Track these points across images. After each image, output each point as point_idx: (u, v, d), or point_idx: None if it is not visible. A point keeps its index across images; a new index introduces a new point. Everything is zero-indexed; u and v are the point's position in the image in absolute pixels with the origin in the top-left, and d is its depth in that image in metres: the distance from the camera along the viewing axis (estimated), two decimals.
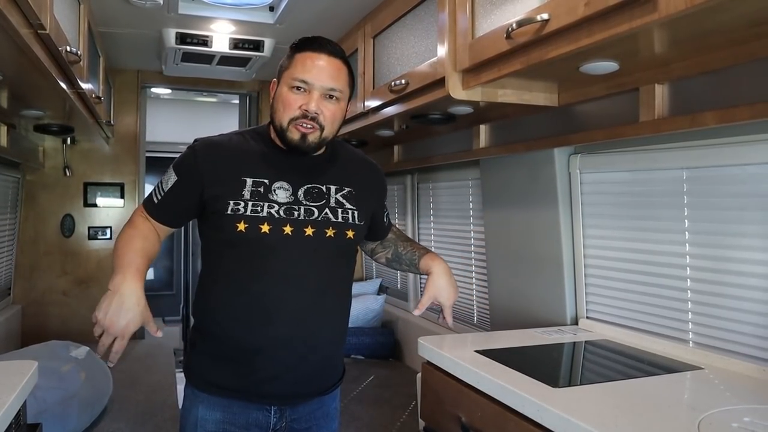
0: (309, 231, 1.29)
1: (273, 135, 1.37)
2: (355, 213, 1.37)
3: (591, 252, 1.89)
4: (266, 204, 1.28)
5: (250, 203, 1.27)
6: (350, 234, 1.35)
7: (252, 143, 1.36)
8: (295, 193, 1.31)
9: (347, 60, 1.35)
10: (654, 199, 1.66)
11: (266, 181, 1.30)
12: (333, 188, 1.36)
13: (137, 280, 1.21)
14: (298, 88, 1.27)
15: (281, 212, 1.28)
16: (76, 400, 2.34)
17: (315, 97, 1.27)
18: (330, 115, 1.30)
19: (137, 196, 4.09)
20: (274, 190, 1.30)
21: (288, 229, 1.28)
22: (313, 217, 1.31)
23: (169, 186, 1.32)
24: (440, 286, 1.47)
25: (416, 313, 1.47)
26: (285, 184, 1.31)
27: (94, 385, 2.53)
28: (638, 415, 1.09)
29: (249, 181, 1.29)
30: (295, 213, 1.29)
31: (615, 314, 1.80)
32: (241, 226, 1.25)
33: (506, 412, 1.22)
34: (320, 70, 1.28)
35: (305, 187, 1.33)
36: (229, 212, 1.26)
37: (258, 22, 2.69)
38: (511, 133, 2.06)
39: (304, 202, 1.31)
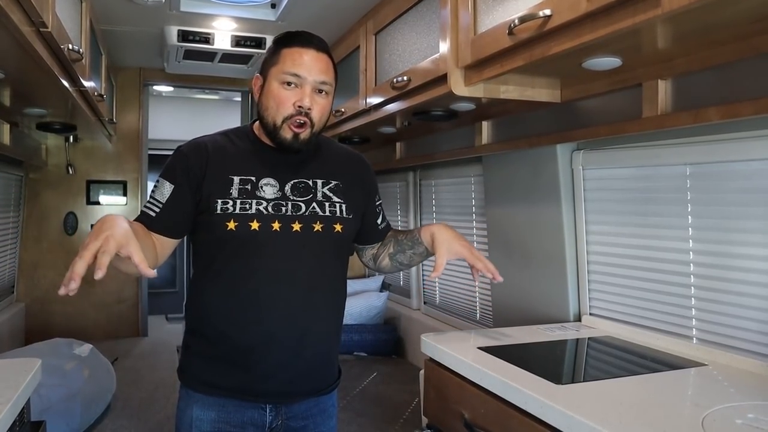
0: (296, 226, 1.29)
1: (258, 132, 1.36)
2: (343, 206, 1.36)
3: (594, 248, 1.89)
4: (254, 201, 1.28)
5: (238, 201, 1.27)
6: (338, 228, 1.33)
7: (237, 142, 1.36)
8: (282, 189, 1.31)
9: (332, 55, 1.33)
10: (657, 196, 1.65)
11: (253, 178, 1.30)
12: (320, 182, 1.35)
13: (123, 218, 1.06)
14: (290, 83, 1.26)
15: (269, 208, 1.28)
16: (79, 398, 2.35)
17: (307, 92, 1.26)
18: (320, 109, 1.29)
19: (140, 194, 4.10)
20: (261, 187, 1.30)
21: (276, 225, 1.27)
22: (300, 212, 1.30)
23: (167, 195, 1.28)
24: (448, 238, 1.37)
25: (434, 276, 1.33)
26: (272, 180, 1.31)
27: (97, 383, 2.54)
28: (642, 411, 1.09)
29: (236, 179, 1.29)
30: (283, 209, 1.29)
31: (618, 311, 1.80)
32: (231, 225, 1.25)
33: (509, 409, 1.22)
34: (310, 64, 1.26)
35: (292, 182, 1.33)
36: (218, 211, 1.26)
37: (259, 20, 2.69)
38: (513, 129, 2.05)
39: (292, 198, 1.31)
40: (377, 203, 1.50)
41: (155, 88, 4.69)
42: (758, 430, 1.01)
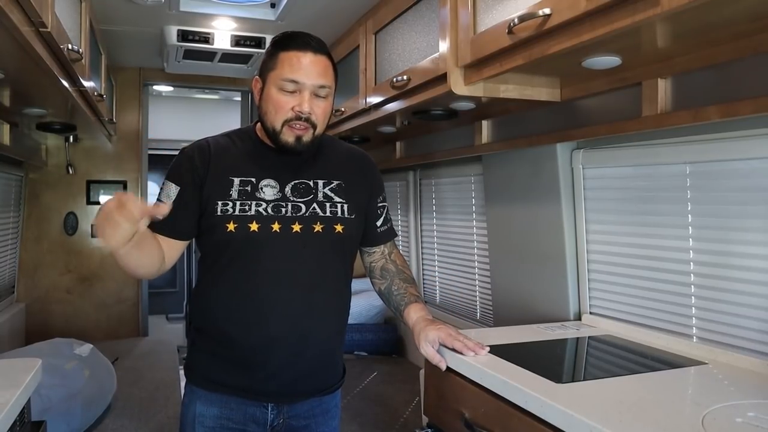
0: (296, 227, 1.28)
1: (260, 133, 1.36)
2: (345, 206, 1.35)
3: (594, 247, 1.89)
4: (254, 202, 1.28)
5: (238, 203, 1.27)
6: (339, 228, 1.33)
7: (238, 143, 1.36)
8: (282, 190, 1.31)
9: (331, 55, 1.32)
10: (657, 194, 1.65)
11: (253, 179, 1.30)
12: (321, 182, 1.35)
13: None
14: (288, 89, 1.26)
15: (269, 210, 1.28)
16: (79, 398, 2.35)
17: (306, 97, 1.25)
18: (321, 113, 1.29)
19: (140, 194, 4.09)
20: (261, 188, 1.30)
21: (276, 227, 1.27)
22: (300, 213, 1.30)
23: (173, 197, 1.29)
24: (422, 329, 1.35)
25: (443, 366, 1.36)
26: (272, 182, 1.31)
27: (97, 383, 2.54)
28: (642, 410, 1.09)
29: (236, 180, 1.29)
30: (283, 210, 1.29)
31: (618, 309, 1.80)
32: (231, 227, 1.25)
33: (509, 408, 1.22)
34: (308, 69, 1.25)
35: (292, 183, 1.32)
36: (218, 213, 1.26)
37: (259, 19, 2.69)
38: (513, 128, 2.05)
39: (292, 199, 1.30)
40: (379, 204, 1.47)
41: (155, 87, 4.69)
42: (758, 428, 1.01)
